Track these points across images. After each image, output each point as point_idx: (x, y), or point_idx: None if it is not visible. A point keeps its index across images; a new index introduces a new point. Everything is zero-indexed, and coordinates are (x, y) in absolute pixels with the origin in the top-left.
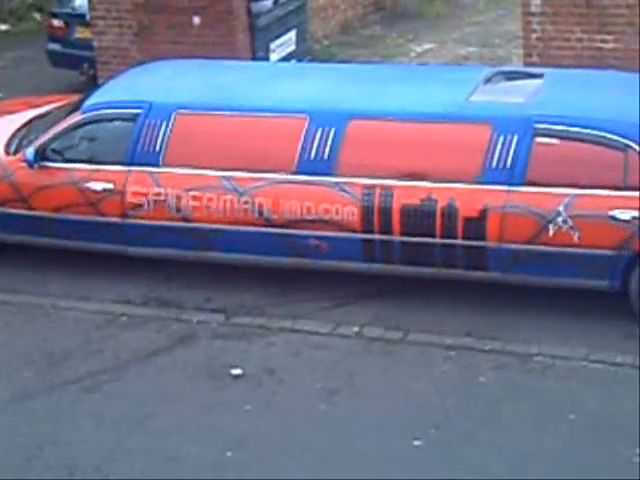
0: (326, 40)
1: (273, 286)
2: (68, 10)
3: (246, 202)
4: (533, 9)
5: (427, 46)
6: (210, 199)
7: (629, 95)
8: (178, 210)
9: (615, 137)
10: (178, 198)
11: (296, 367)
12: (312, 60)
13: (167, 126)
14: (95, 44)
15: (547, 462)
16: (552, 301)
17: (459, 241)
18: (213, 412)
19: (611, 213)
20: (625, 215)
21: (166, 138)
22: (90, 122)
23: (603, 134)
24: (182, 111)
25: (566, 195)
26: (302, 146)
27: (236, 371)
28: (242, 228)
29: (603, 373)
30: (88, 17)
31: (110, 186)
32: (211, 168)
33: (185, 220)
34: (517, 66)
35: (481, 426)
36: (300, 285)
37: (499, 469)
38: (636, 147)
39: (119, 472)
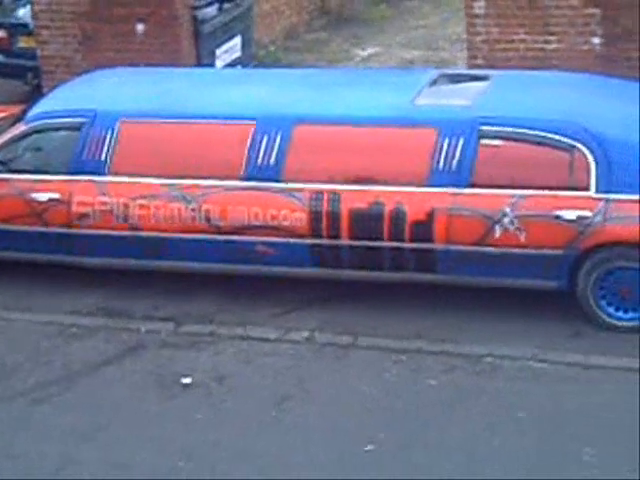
0: (271, 45)
1: (222, 293)
2: (11, 20)
3: (194, 209)
4: (477, 11)
5: (372, 50)
6: (157, 207)
7: (573, 95)
8: (125, 219)
9: (560, 138)
10: (125, 207)
11: (246, 374)
12: (258, 66)
13: (112, 135)
14: (39, 53)
15: (498, 462)
16: (501, 302)
17: (407, 244)
18: (164, 421)
19: (557, 213)
20: (571, 215)
21: (111, 147)
22: (35, 132)
23: (548, 135)
24: (127, 119)
25: (512, 196)
26: (249, 152)
27: (186, 380)
28: (190, 236)
29: (552, 372)
30: (31, 26)
31: (56, 196)
32: (158, 176)
33: (132, 229)
34: (462, 68)
35: (432, 428)
36: (249, 292)
37: (450, 470)
38: (581, 147)
39: None
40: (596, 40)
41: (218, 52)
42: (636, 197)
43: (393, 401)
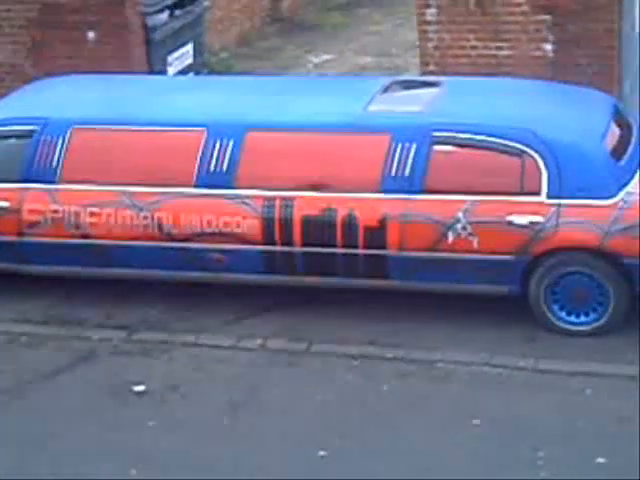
0: (224, 52)
1: (175, 301)
2: None
3: (146, 217)
4: (429, 18)
5: (325, 57)
6: (109, 215)
7: (524, 101)
8: (77, 227)
9: (511, 143)
10: (76, 215)
11: (199, 382)
12: (210, 73)
13: (63, 142)
14: None
15: (452, 467)
16: (453, 307)
17: (360, 250)
18: (117, 430)
19: (509, 218)
20: (523, 220)
21: (63, 154)
22: None
23: (499, 141)
24: (78, 127)
25: (465, 202)
26: (201, 159)
27: (139, 388)
28: (143, 243)
29: (505, 377)
30: None
31: (6, 204)
32: (109, 184)
33: (84, 237)
34: (414, 75)
35: (386, 434)
36: (202, 299)
37: (405, 475)
38: (532, 153)
39: None
40: (548, 46)
41: (170, 59)
42: (587, 202)
43: (347, 407)
